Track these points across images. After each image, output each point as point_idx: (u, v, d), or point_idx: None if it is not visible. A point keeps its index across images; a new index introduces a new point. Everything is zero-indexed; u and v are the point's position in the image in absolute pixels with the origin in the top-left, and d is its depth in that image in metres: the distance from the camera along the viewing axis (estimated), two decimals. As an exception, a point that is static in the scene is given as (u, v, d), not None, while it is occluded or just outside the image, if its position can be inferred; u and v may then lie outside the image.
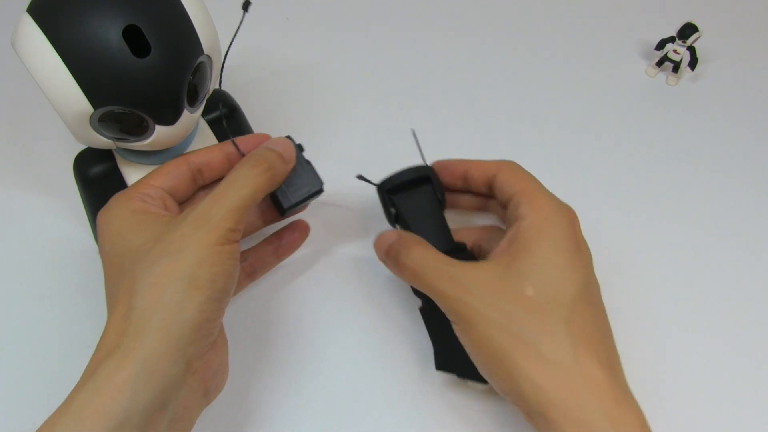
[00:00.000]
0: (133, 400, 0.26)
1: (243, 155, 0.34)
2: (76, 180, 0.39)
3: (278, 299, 0.41)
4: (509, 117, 0.51)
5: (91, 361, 0.28)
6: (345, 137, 0.47)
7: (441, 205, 0.37)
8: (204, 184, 0.35)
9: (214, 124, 0.40)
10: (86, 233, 0.44)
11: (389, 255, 0.34)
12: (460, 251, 0.36)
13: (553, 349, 0.29)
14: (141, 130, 0.33)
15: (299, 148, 0.36)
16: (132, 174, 0.38)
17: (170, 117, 0.33)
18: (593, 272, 0.32)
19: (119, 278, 0.30)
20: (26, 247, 0.44)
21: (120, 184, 0.38)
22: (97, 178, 0.39)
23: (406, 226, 0.36)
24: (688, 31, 0.50)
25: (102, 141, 0.33)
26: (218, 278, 0.29)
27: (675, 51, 0.51)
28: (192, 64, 0.33)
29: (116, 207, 0.32)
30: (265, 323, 0.40)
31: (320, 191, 0.36)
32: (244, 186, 0.31)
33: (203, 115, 0.40)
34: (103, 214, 0.32)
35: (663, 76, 0.54)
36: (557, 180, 0.47)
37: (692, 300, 0.42)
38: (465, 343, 0.31)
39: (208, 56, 0.34)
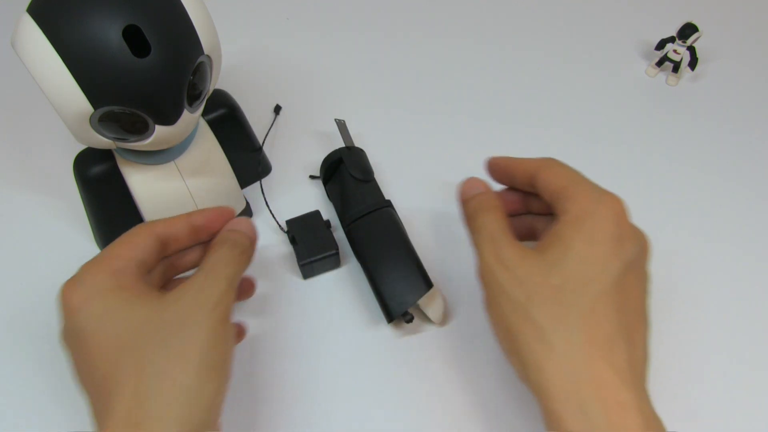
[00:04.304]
0: None
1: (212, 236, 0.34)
2: (76, 180, 0.39)
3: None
4: (509, 117, 0.51)
5: None
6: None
7: (354, 177, 0.42)
8: (167, 255, 0.33)
9: (214, 124, 0.40)
10: (86, 233, 0.44)
11: (468, 205, 0.36)
12: (384, 206, 0.41)
13: (564, 340, 0.29)
14: (141, 130, 0.33)
15: (318, 214, 0.43)
16: (132, 174, 0.38)
17: (170, 117, 0.33)
18: (636, 267, 0.31)
19: (117, 360, 0.28)
20: (25, 247, 0.44)
21: (120, 184, 0.38)
22: (97, 178, 0.39)
23: (338, 200, 0.43)
24: (688, 31, 0.50)
25: (102, 141, 0.33)
26: (228, 358, 0.30)
27: (675, 51, 0.51)
28: (192, 64, 0.33)
29: (93, 283, 0.29)
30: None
31: (336, 254, 0.41)
32: (229, 265, 0.31)
33: (203, 115, 0.40)
34: (78, 290, 0.29)
35: (663, 76, 0.54)
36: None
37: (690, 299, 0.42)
38: (488, 314, 0.32)
39: (208, 56, 0.34)
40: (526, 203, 0.37)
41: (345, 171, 0.43)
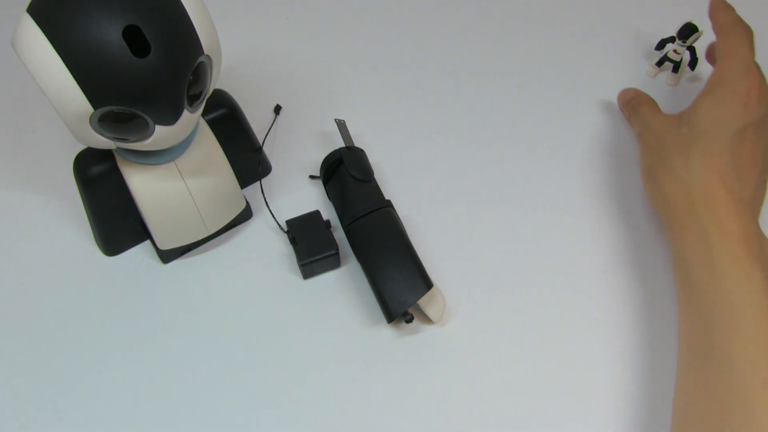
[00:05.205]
0: None
1: None
2: (76, 180, 0.39)
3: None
4: (508, 115, 0.51)
5: None
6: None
7: (354, 177, 0.42)
8: None
9: (214, 124, 0.40)
10: (86, 233, 0.44)
11: (627, 105, 0.48)
12: (384, 206, 0.42)
13: (682, 168, 0.38)
14: (141, 130, 0.33)
15: (318, 214, 0.43)
16: (132, 174, 0.38)
17: (170, 117, 0.33)
18: (759, 127, 0.39)
19: None
20: (25, 247, 0.44)
21: (120, 184, 0.38)
22: (97, 178, 0.39)
23: (338, 200, 0.43)
24: (687, 31, 0.50)
25: (102, 141, 0.33)
26: None
27: (675, 51, 0.51)
28: (192, 64, 0.33)
29: None
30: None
31: (336, 254, 0.41)
32: None
33: (203, 115, 0.40)
34: None
35: (663, 76, 0.54)
36: (557, 178, 0.47)
37: None
38: (641, 163, 0.44)
39: (208, 56, 0.34)
40: None
41: (345, 171, 0.43)
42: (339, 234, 0.44)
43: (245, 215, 0.44)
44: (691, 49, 0.51)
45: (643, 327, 0.40)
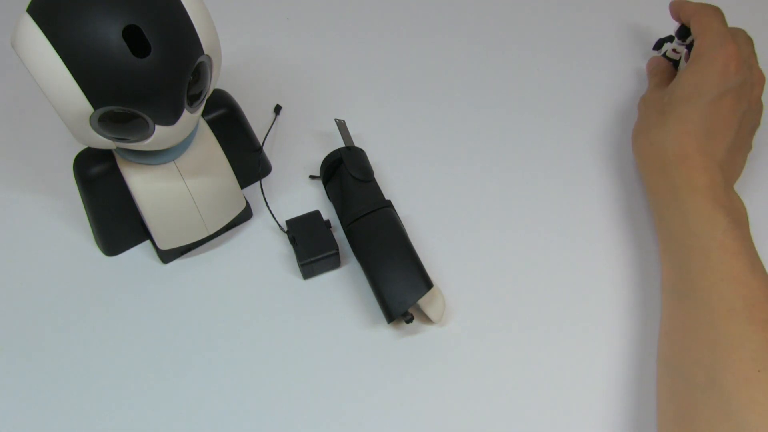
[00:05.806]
0: None
1: None
2: (76, 180, 0.39)
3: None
4: (508, 116, 0.51)
5: None
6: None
7: (354, 177, 0.43)
8: None
9: (214, 124, 0.40)
10: (86, 233, 0.44)
11: (649, 73, 0.51)
12: (384, 206, 0.42)
13: (658, 132, 0.42)
14: (141, 130, 0.33)
15: (318, 214, 0.43)
16: (132, 174, 0.38)
17: (170, 117, 0.33)
18: (736, 93, 0.41)
19: None
20: (25, 248, 0.44)
21: (120, 184, 0.38)
22: (97, 178, 0.39)
23: (338, 200, 0.44)
24: (685, 30, 0.50)
25: (102, 141, 0.33)
26: None
27: (674, 50, 0.51)
28: (192, 64, 0.33)
29: None
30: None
31: (336, 254, 0.41)
32: None
33: (203, 115, 0.40)
34: None
35: (663, 75, 0.54)
36: (557, 179, 0.47)
37: None
38: (634, 129, 0.47)
39: (208, 56, 0.34)
40: None
41: (345, 171, 0.43)
42: (339, 234, 0.44)
43: (245, 215, 0.45)
44: (690, 47, 0.51)
45: (647, 327, 0.40)
